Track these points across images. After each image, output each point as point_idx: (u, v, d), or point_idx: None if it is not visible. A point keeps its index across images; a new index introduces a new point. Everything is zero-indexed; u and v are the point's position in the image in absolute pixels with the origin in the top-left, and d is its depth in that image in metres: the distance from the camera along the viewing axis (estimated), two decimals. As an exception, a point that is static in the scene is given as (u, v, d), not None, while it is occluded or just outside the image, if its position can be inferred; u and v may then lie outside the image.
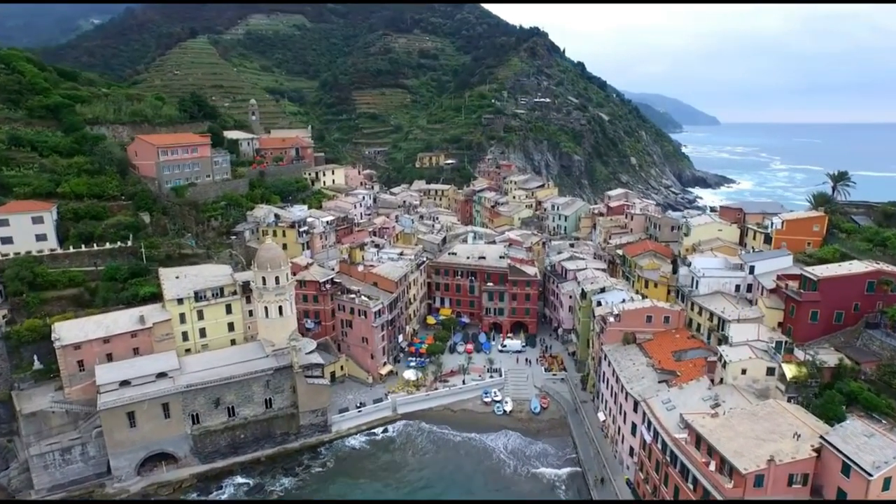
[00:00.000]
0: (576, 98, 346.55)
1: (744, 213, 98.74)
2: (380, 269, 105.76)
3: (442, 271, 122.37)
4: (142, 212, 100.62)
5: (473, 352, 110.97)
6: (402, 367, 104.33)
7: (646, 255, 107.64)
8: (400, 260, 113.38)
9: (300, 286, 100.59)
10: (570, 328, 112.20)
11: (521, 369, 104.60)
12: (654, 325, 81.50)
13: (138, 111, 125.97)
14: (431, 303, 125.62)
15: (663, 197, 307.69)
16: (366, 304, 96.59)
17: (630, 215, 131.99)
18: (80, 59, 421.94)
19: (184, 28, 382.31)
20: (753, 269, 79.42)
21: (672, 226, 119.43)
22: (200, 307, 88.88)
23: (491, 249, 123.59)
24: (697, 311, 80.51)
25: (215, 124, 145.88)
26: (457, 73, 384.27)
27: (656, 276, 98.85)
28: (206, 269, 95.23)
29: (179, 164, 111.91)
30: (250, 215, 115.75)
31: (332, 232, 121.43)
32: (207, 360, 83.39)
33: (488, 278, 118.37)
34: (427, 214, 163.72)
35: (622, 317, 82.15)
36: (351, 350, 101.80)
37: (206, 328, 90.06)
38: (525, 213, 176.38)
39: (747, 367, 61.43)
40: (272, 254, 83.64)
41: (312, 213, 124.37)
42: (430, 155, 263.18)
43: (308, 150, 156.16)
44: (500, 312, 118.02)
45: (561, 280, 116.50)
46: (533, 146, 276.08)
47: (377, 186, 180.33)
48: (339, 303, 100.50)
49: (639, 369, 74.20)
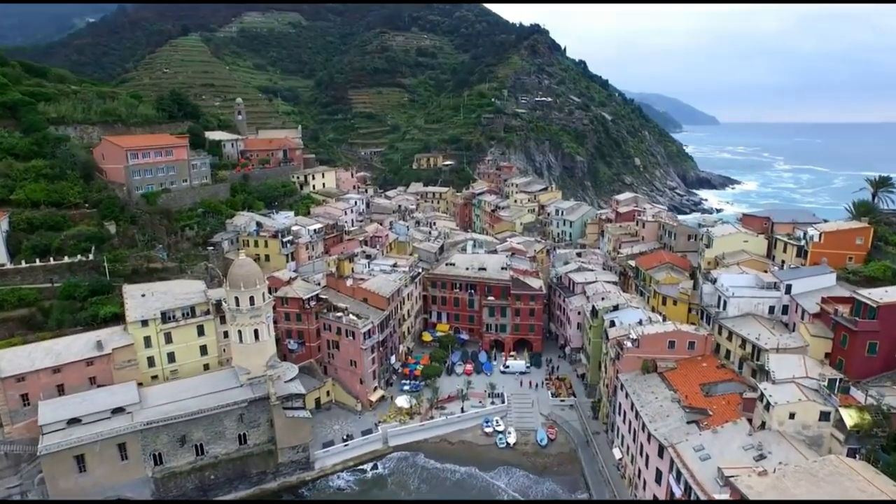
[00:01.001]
0: (578, 97, 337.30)
1: (771, 223, 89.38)
2: (370, 283, 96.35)
3: (439, 284, 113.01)
4: (107, 221, 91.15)
5: (473, 373, 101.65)
6: (395, 391, 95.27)
7: (662, 267, 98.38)
8: (393, 272, 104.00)
9: (281, 303, 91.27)
10: (579, 347, 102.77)
11: (526, 394, 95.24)
12: (678, 352, 72.15)
13: (111, 110, 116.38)
14: (428, 318, 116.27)
15: (668, 199, 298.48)
16: (354, 324, 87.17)
17: (642, 222, 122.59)
18: (69, 58, 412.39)
19: (175, 25, 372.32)
20: (790, 289, 70.06)
21: (689, 235, 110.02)
22: (168, 329, 79.45)
23: (492, 260, 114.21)
24: (727, 335, 71.17)
25: (197, 124, 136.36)
26: (455, 71, 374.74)
27: (675, 292, 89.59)
28: (177, 286, 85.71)
29: (151, 168, 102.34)
30: (230, 224, 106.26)
31: (319, 241, 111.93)
32: (173, 391, 73.87)
33: (489, 291, 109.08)
34: (424, 220, 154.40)
35: (641, 342, 72.77)
36: (338, 373, 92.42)
37: (175, 352, 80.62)
38: (527, 218, 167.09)
39: (796, 411, 52.05)
40: (246, 270, 74.14)
41: (299, 220, 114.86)
42: (428, 156, 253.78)
43: (296, 151, 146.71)
44: (502, 329, 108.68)
45: (568, 294, 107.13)
46: (534, 147, 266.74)
47: (371, 190, 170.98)
48: (325, 322, 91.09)
49: (662, 405, 64.82)
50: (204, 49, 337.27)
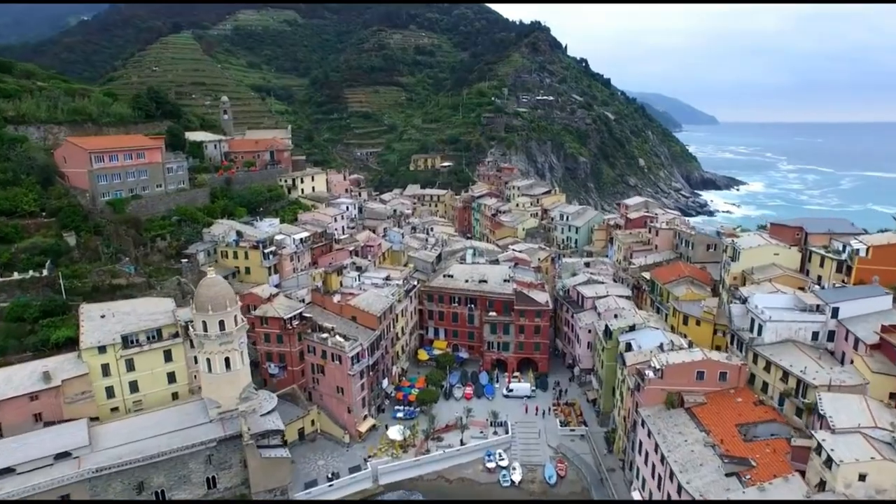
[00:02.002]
0: (580, 96, 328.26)
1: (804, 233, 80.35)
2: (360, 299, 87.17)
3: (436, 297, 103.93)
4: (67, 232, 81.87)
5: (473, 397, 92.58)
6: (388, 419, 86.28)
7: (681, 281, 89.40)
8: (386, 286, 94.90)
9: (261, 323, 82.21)
10: (590, 369, 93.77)
11: (532, 422, 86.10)
12: (707, 384, 63.14)
13: (80, 109, 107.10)
14: (424, 334, 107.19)
15: (674, 201, 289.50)
16: (340, 348, 78.01)
17: (655, 230, 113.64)
18: (59, 56, 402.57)
19: (166, 23, 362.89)
20: (837, 313, 61.07)
21: (708, 244, 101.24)
22: (130, 355, 70.19)
23: (493, 271, 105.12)
24: (764, 366, 62.15)
25: (177, 124, 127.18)
26: (454, 69, 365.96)
27: (698, 310, 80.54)
28: (143, 305, 76.41)
29: (120, 173, 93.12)
30: (207, 233, 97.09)
31: (306, 251, 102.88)
32: (131, 428, 64.69)
33: (490, 306, 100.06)
34: (420, 226, 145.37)
35: (665, 372, 63.75)
36: (324, 400, 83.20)
37: (138, 381, 71.33)
38: (530, 224, 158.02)
39: (868, 472, 43.07)
40: (215, 291, 64.94)
41: (284, 228, 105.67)
42: (426, 157, 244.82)
43: (285, 153, 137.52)
44: (504, 347, 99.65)
45: (577, 309, 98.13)
46: (536, 147, 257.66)
47: (365, 193, 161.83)
48: (309, 344, 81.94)
49: (694, 450, 55.78)
50: (196, 47, 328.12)
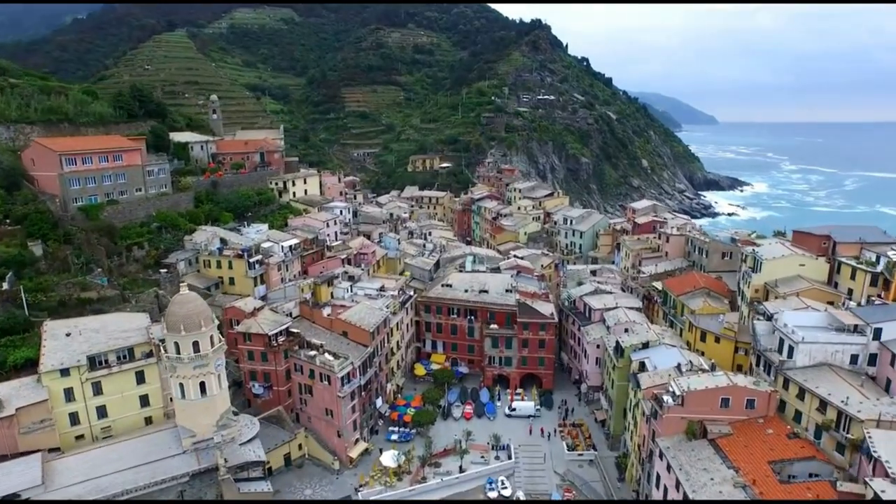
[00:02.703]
0: (581, 95, 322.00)
1: (832, 242, 74.17)
2: (351, 313, 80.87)
3: (434, 308, 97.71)
4: (33, 241, 75.53)
5: (473, 416, 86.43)
6: (381, 441, 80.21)
7: (697, 293, 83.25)
8: (380, 297, 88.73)
9: (244, 340, 75.94)
10: (598, 386, 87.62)
11: (537, 445, 79.88)
12: (733, 412, 56.92)
13: (55, 108, 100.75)
14: (421, 347, 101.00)
15: (678, 202, 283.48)
16: (329, 367, 71.76)
17: (665, 236, 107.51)
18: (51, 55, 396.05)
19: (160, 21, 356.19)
20: (880, 334, 54.87)
21: (723, 252, 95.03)
22: (98, 377, 63.84)
23: (495, 280, 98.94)
24: (797, 393, 55.94)
25: (161, 124, 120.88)
26: (453, 68, 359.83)
27: (717, 326, 74.55)
28: (114, 321, 70.00)
29: (94, 176, 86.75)
30: (189, 240, 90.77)
31: (295, 259, 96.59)
32: (93, 462, 58.33)
33: (491, 318, 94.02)
34: (418, 230, 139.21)
35: (686, 399, 57.54)
36: (312, 423, 76.97)
37: (106, 406, 65.02)
38: (532, 228, 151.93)
39: (936, 533, 36.87)
40: (188, 309, 58.60)
41: (272, 235, 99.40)
42: (424, 157, 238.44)
43: (275, 154, 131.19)
44: (506, 363, 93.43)
45: (584, 321, 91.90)
46: (537, 148, 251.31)
47: (361, 196, 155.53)
48: (296, 362, 75.70)
49: (722, 491, 49.52)
50: (189, 45, 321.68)
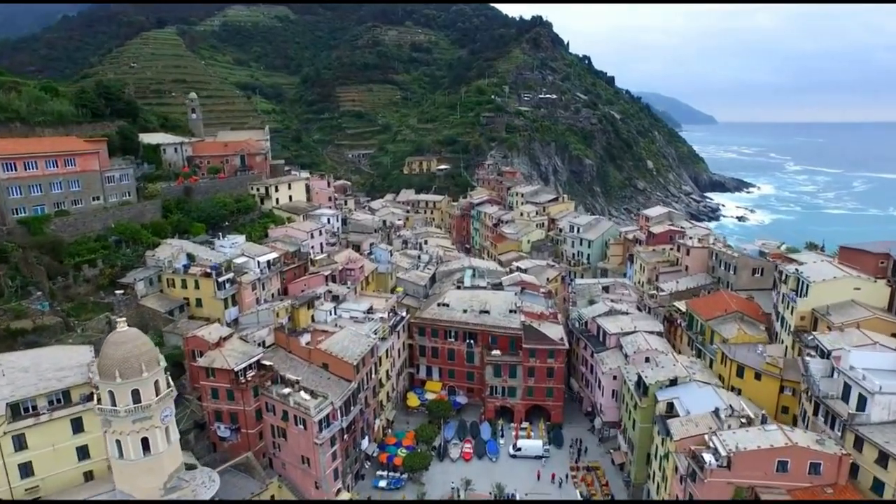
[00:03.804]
0: (584, 94, 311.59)
1: (892, 261, 63.89)
2: (334, 342, 70.24)
3: (429, 331, 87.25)
4: (-40, 261, 65.14)
5: (473, 456, 75.99)
6: (367, 487, 69.98)
7: (729, 318, 72.88)
8: (367, 321, 78.28)
9: (207, 375, 65.40)
10: (615, 423, 77.18)
11: (546, 494, 69.38)
12: (793, 477, 46.59)
13: (5, 105, 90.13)
14: (414, 373, 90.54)
15: (685, 205, 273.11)
16: (305, 409, 61.28)
17: (685, 249, 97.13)
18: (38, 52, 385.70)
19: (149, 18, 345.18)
20: (974, 384, 44.60)
21: (754, 268, 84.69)
22: (21, 429, 53.16)
23: (497, 299, 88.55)
24: (875, 457, 45.53)
25: (131, 124, 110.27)
26: (452, 67, 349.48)
27: (757, 359, 64.09)
28: (49, 357, 59.46)
29: (40, 183, 76.13)
30: (151, 256, 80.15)
31: (274, 276, 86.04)
32: (8, 539, 47.92)
33: (493, 342, 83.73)
34: (413, 239, 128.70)
35: (734, 461, 47.17)
36: (287, 470, 66.35)
37: (32, 462, 54.40)
38: (536, 235, 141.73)
39: None
40: (125, 351, 47.95)
41: (248, 248, 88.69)
42: (421, 159, 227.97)
43: (257, 157, 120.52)
44: (510, 393, 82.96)
45: (597, 346, 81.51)
46: (539, 149, 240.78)
47: (352, 201, 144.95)
48: (267, 400, 65.20)
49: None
50: (178, 42, 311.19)
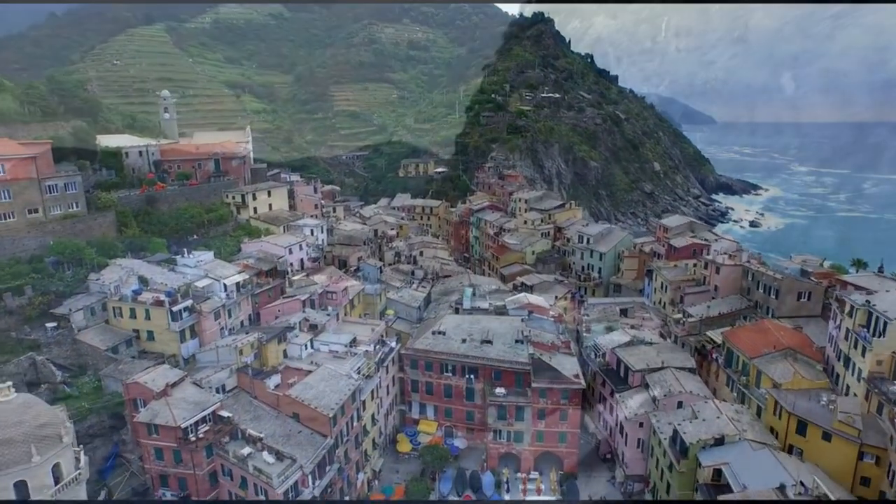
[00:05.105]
0: (588, 93, 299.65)
1: None
2: (306, 387, 58.48)
3: (422, 364, 75.43)
4: None
5: (474, 516, 64.50)
6: (348, 561, 58.03)
7: (778, 356, 61.12)
8: (349, 356, 66.60)
9: (149, 433, 53.63)
10: (640, 476, 65.54)
11: (562, 570, 57.95)
12: None
13: (-64, 104, 78.74)
14: (406, 410, 78.79)
15: (693, 209, 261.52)
16: (266, 478, 49.54)
17: (714, 266, 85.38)
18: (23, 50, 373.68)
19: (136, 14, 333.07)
20: None
21: (800, 292, 73.01)
22: None
23: (501, 327, 76.87)
24: None
25: (89, 125, 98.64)
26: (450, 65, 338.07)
27: (824, 414, 52.36)
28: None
29: (-40, 196, 64.70)
30: (95, 280, 68.28)
31: (243, 300, 74.29)
32: None
33: (497, 378, 71.90)
34: (407, 251, 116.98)
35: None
36: (248, 545, 54.77)
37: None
38: (541, 246, 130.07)
39: None
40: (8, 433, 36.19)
41: (215, 268, 76.74)
42: (417, 161, 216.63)
43: (234, 160, 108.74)
44: (517, 438, 71.20)
45: (619, 384, 69.94)
46: (542, 150, 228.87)
47: (341, 209, 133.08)
48: (223, 463, 53.47)
49: None
50: (165, 39, 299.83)
